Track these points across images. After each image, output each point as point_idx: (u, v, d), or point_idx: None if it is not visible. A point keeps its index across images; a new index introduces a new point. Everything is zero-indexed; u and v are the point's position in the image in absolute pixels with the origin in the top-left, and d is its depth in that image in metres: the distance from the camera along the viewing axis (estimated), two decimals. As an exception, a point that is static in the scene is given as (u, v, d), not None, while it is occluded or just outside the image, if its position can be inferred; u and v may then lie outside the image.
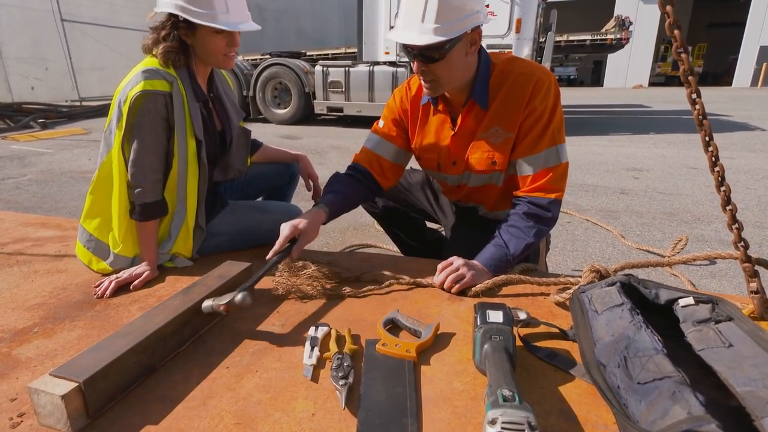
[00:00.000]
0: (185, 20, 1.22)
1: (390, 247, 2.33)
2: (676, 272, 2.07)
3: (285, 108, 8.32)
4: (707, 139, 0.99)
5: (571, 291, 1.09)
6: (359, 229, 2.78)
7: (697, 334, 0.84)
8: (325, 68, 7.62)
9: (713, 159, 0.99)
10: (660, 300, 0.96)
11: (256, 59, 8.95)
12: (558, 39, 8.21)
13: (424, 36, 1.10)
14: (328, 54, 8.99)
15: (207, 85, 1.43)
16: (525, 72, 1.22)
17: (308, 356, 0.89)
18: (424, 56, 1.14)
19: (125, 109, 1.22)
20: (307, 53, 9.12)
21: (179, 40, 1.26)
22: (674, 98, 14.24)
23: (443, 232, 1.77)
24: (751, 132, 6.79)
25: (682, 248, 2.11)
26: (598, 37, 8.49)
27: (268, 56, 8.69)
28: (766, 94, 15.81)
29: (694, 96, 1.00)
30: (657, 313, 0.96)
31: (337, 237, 2.65)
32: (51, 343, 0.99)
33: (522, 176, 1.27)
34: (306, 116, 8.29)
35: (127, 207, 1.30)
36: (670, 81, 25.15)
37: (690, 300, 0.92)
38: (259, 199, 1.81)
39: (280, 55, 8.64)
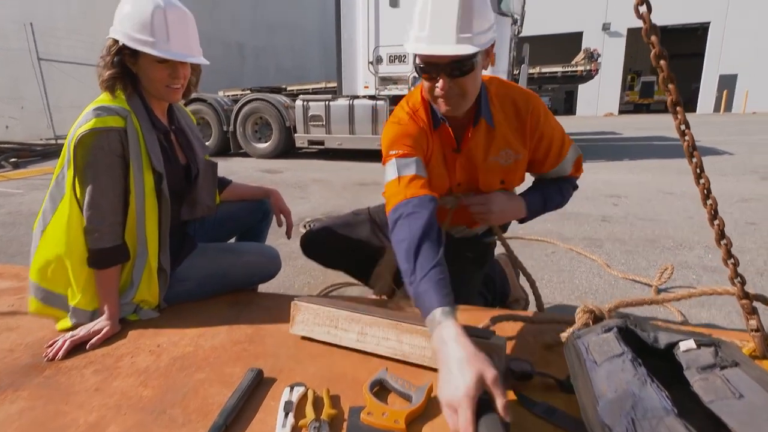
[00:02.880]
0: (129, 47, 1.19)
1: (373, 285, 2.24)
2: (665, 302, 2.03)
3: (266, 142, 8.29)
4: (698, 171, 0.96)
5: (565, 334, 1.03)
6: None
7: (703, 383, 0.78)
8: (305, 102, 7.67)
9: (705, 192, 0.96)
10: (659, 344, 0.90)
11: (236, 95, 8.99)
12: (531, 71, 8.49)
13: (462, 46, 1.05)
14: (308, 89, 9.09)
15: (168, 117, 1.38)
16: (522, 94, 1.28)
17: (282, 425, 0.80)
18: (455, 69, 1.09)
19: (74, 150, 1.15)
20: (288, 88, 9.21)
21: (123, 66, 1.22)
22: (644, 125, 14.81)
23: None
24: (719, 156, 7.04)
25: (669, 277, 2.08)
26: (569, 69, 8.82)
27: (248, 92, 8.73)
28: (728, 119, 16.60)
29: (683, 127, 0.98)
30: (656, 356, 0.91)
31: (319, 276, 2.56)
32: (-14, 420, 0.86)
33: (562, 175, 1.41)
34: (287, 150, 8.27)
35: (83, 255, 1.20)
36: (638, 108, 26.31)
37: (691, 344, 0.86)
38: (232, 240, 1.72)
39: (261, 90, 8.70)
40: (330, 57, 8.68)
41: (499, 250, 1.57)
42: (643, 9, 1.00)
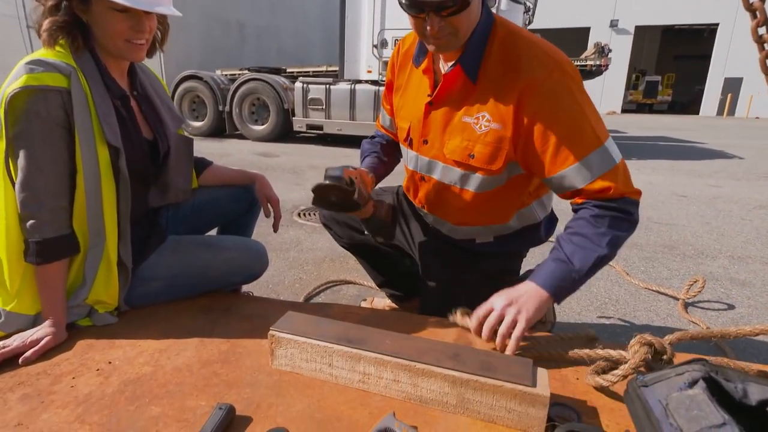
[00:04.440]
0: None
1: (371, 284, 2.03)
2: (695, 319, 1.84)
3: (262, 124, 8.00)
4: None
5: (619, 372, 0.82)
6: (336, 261, 2.47)
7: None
8: (305, 85, 7.37)
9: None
10: (750, 399, 0.69)
11: (234, 74, 8.65)
12: (540, 63, 8.21)
13: None
14: (308, 71, 8.74)
15: (129, 81, 1.14)
16: (533, 53, 0.96)
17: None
18: (446, 8, 0.91)
19: (2, 114, 0.91)
20: (288, 70, 8.87)
21: (72, 14, 0.97)
22: (648, 125, 14.60)
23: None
24: (730, 160, 6.85)
25: (699, 290, 1.89)
26: (579, 63, 8.55)
27: (246, 71, 8.40)
28: (732, 123, 16.44)
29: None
30: (743, 411, 0.70)
31: (312, 271, 2.34)
32: None
33: (571, 192, 0.99)
34: (284, 133, 7.98)
35: (20, 247, 0.98)
36: (641, 108, 26.06)
37: (797, 403, 0.66)
38: (212, 232, 1.49)
39: (259, 70, 8.37)
40: (332, 41, 8.35)
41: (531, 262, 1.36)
42: None
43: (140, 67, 1.20)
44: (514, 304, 0.92)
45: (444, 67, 1.08)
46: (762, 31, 0.87)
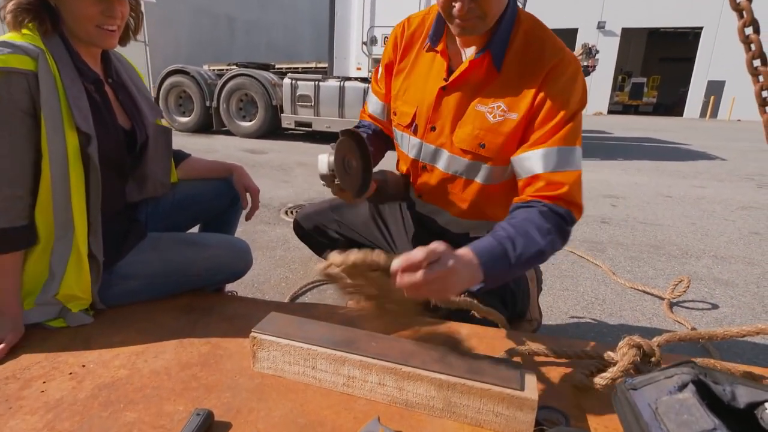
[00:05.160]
0: None
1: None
2: (680, 318, 1.85)
3: (250, 121, 7.90)
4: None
5: (607, 375, 0.81)
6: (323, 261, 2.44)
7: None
8: (293, 81, 7.30)
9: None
10: (738, 402, 0.68)
11: (222, 69, 8.52)
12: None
13: None
14: (297, 68, 8.67)
15: (102, 68, 1.09)
16: (557, 45, 0.99)
17: None
18: None
19: None
20: (276, 66, 8.78)
21: None
22: (633, 126, 14.81)
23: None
24: (713, 161, 6.97)
25: (684, 290, 1.90)
26: (567, 64, 8.61)
27: (234, 66, 8.29)
28: (715, 125, 16.77)
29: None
30: (731, 414, 0.70)
31: (299, 269, 2.31)
32: None
33: (527, 177, 0.97)
34: (272, 130, 7.90)
35: None
36: (626, 109, 26.42)
37: (785, 406, 0.65)
38: (194, 229, 1.45)
39: (248, 65, 8.26)
40: (322, 37, 8.27)
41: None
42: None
43: (115, 55, 1.16)
44: (444, 262, 0.74)
45: (464, 52, 1.06)
46: (749, 31, 0.86)
